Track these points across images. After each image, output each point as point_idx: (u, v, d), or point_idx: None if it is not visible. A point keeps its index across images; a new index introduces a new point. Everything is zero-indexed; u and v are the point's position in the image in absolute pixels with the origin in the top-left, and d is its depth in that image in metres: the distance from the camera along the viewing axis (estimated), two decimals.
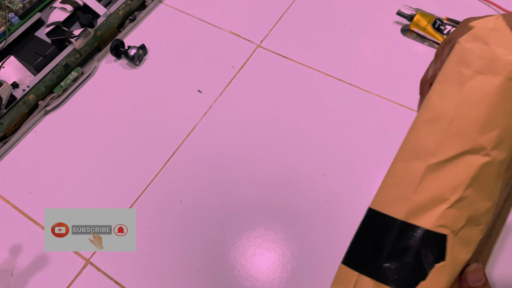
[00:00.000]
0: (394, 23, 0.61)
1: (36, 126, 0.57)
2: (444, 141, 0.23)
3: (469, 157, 0.23)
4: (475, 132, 0.23)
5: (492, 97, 0.23)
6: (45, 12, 0.62)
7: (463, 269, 0.24)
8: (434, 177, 0.23)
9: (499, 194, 0.25)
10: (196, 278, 0.44)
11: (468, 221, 0.23)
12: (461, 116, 0.23)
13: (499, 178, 0.24)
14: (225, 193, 0.49)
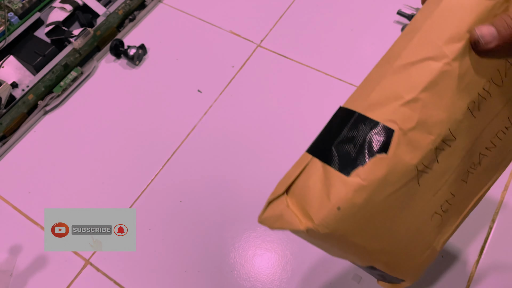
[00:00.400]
0: (394, 23, 0.61)
1: (35, 126, 0.57)
2: (412, 47, 0.25)
3: (431, 62, 0.24)
4: (441, 42, 0.24)
5: (463, 12, 0.24)
6: (45, 11, 0.62)
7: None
8: (395, 78, 0.25)
9: (462, 115, 0.25)
10: (196, 278, 0.44)
11: (418, 124, 0.24)
12: (432, 27, 0.24)
13: (460, 95, 0.24)
14: (225, 193, 0.49)
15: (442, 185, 0.27)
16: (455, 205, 0.28)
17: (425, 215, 0.27)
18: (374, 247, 0.27)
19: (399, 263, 0.28)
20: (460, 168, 0.27)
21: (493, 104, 0.26)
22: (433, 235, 0.28)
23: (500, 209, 0.45)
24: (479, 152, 0.27)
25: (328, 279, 0.44)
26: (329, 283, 0.43)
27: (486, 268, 0.42)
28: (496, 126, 0.27)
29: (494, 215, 0.45)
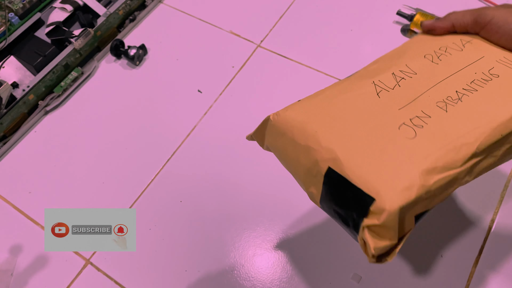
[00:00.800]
0: (394, 23, 0.61)
1: (36, 126, 0.57)
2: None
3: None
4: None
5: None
6: (45, 12, 0.62)
7: None
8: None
9: (419, 60, 0.33)
10: (196, 278, 0.44)
11: (379, 62, 0.36)
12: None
13: (417, 52, 0.34)
14: (225, 193, 0.49)
15: (408, 103, 0.30)
16: (433, 125, 0.28)
17: (390, 122, 0.28)
18: (332, 137, 0.28)
19: (366, 170, 0.26)
20: (431, 94, 0.30)
21: (456, 58, 0.33)
22: (407, 146, 0.27)
23: (500, 209, 0.45)
24: (455, 90, 0.30)
25: (328, 278, 0.44)
26: (329, 282, 0.43)
27: (485, 267, 0.43)
28: (464, 77, 0.31)
29: (493, 214, 0.45)
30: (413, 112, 0.29)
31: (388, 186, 0.25)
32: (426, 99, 0.30)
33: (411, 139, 0.27)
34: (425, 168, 0.26)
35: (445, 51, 0.34)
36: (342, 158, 0.27)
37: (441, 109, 0.29)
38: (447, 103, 0.29)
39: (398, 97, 0.30)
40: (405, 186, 0.25)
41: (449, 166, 0.26)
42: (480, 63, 0.32)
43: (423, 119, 0.28)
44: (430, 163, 0.26)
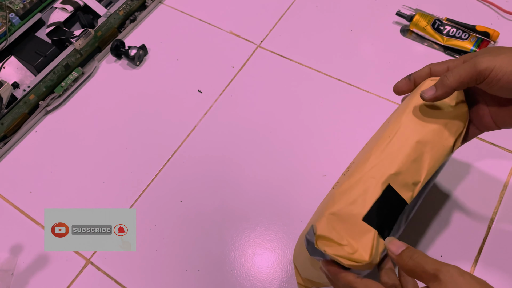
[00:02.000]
0: (393, 24, 0.61)
1: (36, 126, 0.57)
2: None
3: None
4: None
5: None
6: (46, 12, 0.62)
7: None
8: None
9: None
10: (196, 278, 0.45)
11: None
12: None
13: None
14: (225, 193, 0.49)
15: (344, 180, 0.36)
16: (349, 172, 0.35)
17: (331, 190, 0.36)
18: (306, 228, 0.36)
19: (314, 219, 0.34)
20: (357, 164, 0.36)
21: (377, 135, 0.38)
22: (335, 190, 0.34)
23: (498, 209, 0.46)
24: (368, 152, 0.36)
25: None
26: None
27: (485, 267, 0.43)
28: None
29: (492, 214, 0.45)
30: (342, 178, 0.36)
31: (320, 216, 0.33)
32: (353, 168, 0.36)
33: (337, 187, 0.35)
34: (337, 199, 0.33)
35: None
36: (304, 231, 0.35)
37: (355, 164, 0.36)
38: (361, 159, 0.36)
39: (341, 181, 0.36)
40: (327, 207, 0.33)
41: (355, 184, 0.34)
42: (384, 126, 0.38)
43: (344, 176, 0.36)
44: (342, 192, 0.33)
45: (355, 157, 0.39)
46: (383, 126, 0.39)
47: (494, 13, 0.61)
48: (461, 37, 0.57)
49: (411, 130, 0.34)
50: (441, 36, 0.57)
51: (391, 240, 0.31)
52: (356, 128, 0.52)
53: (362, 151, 0.39)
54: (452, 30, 0.57)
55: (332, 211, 0.32)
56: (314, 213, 0.38)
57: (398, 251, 0.30)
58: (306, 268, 0.39)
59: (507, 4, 0.61)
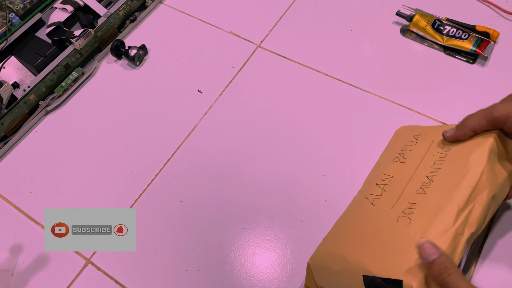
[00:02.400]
0: (393, 24, 0.61)
1: (36, 126, 0.57)
2: None
3: None
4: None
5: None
6: (46, 12, 0.62)
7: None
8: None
9: (389, 164, 0.42)
10: (196, 278, 0.45)
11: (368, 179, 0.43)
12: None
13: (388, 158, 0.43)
14: (225, 193, 0.49)
15: (396, 200, 0.37)
16: (420, 207, 0.35)
17: (389, 220, 0.35)
18: (354, 252, 0.35)
19: (387, 263, 0.32)
20: (410, 188, 0.37)
21: (416, 151, 0.40)
22: (407, 231, 0.34)
23: (498, 209, 0.46)
24: (425, 175, 0.37)
25: None
26: None
27: (484, 267, 0.43)
28: (427, 163, 0.39)
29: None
30: (402, 206, 0.36)
31: (405, 269, 0.30)
32: (408, 193, 0.37)
33: (408, 225, 0.34)
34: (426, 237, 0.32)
35: (406, 149, 0.41)
36: (367, 263, 0.33)
37: (421, 194, 0.36)
38: (423, 188, 0.36)
39: (387, 199, 0.37)
40: (414, 259, 0.31)
41: (444, 230, 0.32)
42: (433, 146, 0.40)
43: (411, 207, 0.35)
44: (428, 233, 0.32)
45: (392, 169, 0.41)
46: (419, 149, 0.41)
47: (494, 13, 0.61)
48: (461, 37, 0.57)
49: (490, 183, 0.35)
50: (441, 36, 0.57)
51: (424, 243, 0.30)
52: (355, 128, 0.53)
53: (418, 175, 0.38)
54: (452, 30, 0.57)
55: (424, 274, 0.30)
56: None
57: (430, 258, 0.29)
58: (334, 284, 0.38)
59: (507, 4, 0.61)
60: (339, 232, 0.39)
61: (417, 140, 0.42)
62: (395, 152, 0.43)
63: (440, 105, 0.53)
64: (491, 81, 0.55)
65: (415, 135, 0.43)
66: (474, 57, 0.57)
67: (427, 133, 0.42)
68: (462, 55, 0.57)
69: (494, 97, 0.53)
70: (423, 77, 0.56)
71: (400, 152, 0.42)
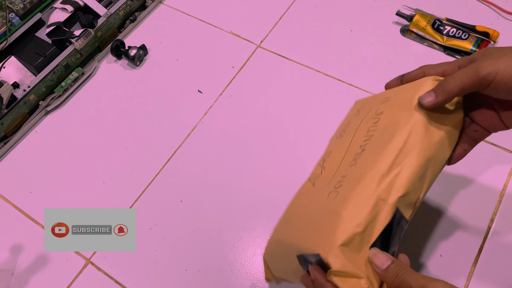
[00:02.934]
0: (393, 24, 0.61)
1: (36, 126, 0.57)
2: None
3: None
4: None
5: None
6: (46, 12, 0.62)
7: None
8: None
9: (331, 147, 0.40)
10: (196, 278, 0.45)
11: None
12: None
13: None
14: (225, 193, 0.49)
15: (332, 177, 0.35)
16: (349, 179, 0.33)
17: (322, 197, 0.34)
18: (291, 235, 0.35)
19: (312, 238, 0.31)
20: (345, 161, 0.35)
21: (354, 123, 0.38)
22: (332, 206, 0.32)
23: (498, 209, 0.46)
24: (359, 145, 0.35)
25: None
26: None
27: (484, 267, 0.43)
28: (362, 132, 0.36)
29: (492, 214, 0.45)
30: (336, 180, 0.34)
31: (326, 241, 0.30)
32: (343, 167, 0.35)
33: (335, 198, 0.32)
34: (345, 208, 0.30)
35: (348, 124, 0.39)
36: (299, 243, 0.32)
37: (353, 166, 0.33)
38: (356, 158, 0.34)
39: (325, 177, 0.36)
40: (336, 231, 0.29)
41: (364, 198, 0.30)
42: (370, 114, 0.37)
43: (341, 180, 0.33)
44: (349, 204, 0.30)
45: (333, 145, 0.39)
46: (368, 115, 0.37)
47: (494, 13, 0.61)
48: (461, 37, 0.57)
49: (420, 144, 0.32)
50: (441, 36, 0.57)
51: (375, 253, 0.29)
52: None
53: (350, 143, 0.36)
54: (452, 30, 0.57)
55: (343, 240, 0.29)
56: (294, 214, 0.37)
57: (383, 266, 0.29)
58: (283, 271, 0.38)
59: (507, 4, 0.61)
60: (283, 218, 0.38)
61: (359, 112, 0.39)
62: (339, 129, 0.40)
63: None
64: None
65: (358, 108, 0.39)
66: None
67: (368, 102, 0.39)
68: (462, 55, 0.57)
69: None
70: None
71: (344, 128, 0.39)
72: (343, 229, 0.29)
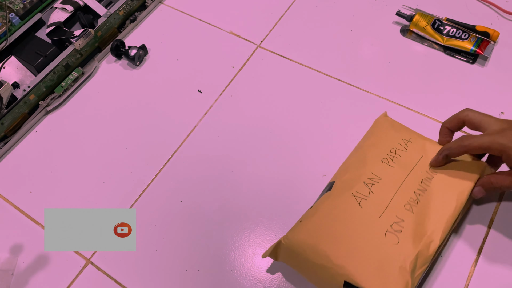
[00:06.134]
0: (393, 24, 0.61)
1: (36, 126, 0.57)
2: None
3: None
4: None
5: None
6: (46, 12, 0.62)
7: None
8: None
9: (378, 164, 0.43)
10: (196, 278, 0.45)
11: (349, 172, 0.44)
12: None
13: (375, 158, 0.43)
14: (225, 193, 0.49)
15: (384, 210, 0.38)
16: (408, 228, 0.38)
17: (377, 231, 0.37)
18: (340, 254, 0.36)
19: (374, 279, 0.35)
20: (398, 198, 0.39)
21: (405, 160, 0.42)
22: (396, 251, 0.36)
23: (498, 209, 0.46)
24: (413, 191, 0.40)
25: None
26: None
27: (484, 267, 0.43)
28: (415, 178, 0.41)
29: (492, 214, 0.45)
30: (390, 218, 0.38)
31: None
32: (396, 204, 0.39)
33: (396, 244, 0.37)
34: (412, 269, 0.36)
35: (395, 153, 0.42)
36: (353, 271, 0.35)
37: (409, 211, 0.39)
38: (411, 204, 0.39)
39: (375, 205, 0.39)
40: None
41: (423, 262, 0.37)
42: (422, 162, 0.42)
43: (399, 224, 0.38)
44: (414, 265, 0.36)
45: (380, 171, 0.42)
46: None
47: (494, 13, 0.61)
48: (461, 37, 0.57)
49: (462, 211, 0.40)
50: (441, 36, 0.57)
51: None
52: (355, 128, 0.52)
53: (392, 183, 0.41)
54: (452, 30, 0.57)
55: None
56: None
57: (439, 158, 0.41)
58: (307, 273, 0.40)
59: (507, 4, 0.61)
60: (322, 224, 0.39)
61: (407, 147, 0.43)
62: (382, 150, 0.43)
63: (440, 105, 0.53)
64: (491, 81, 0.55)
65: (405, 139, 0.44)
66: (474, 57, 0.57)
67: (417, 142, 0.44)
68: (462, 55, 0.57)
69: (494, 97, 0.53)
70: (423, 77, 0.56)
71: (389, 153, 0.43)
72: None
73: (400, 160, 0.42)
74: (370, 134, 0.47)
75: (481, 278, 0.42)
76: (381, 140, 0.44)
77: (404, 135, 0.44)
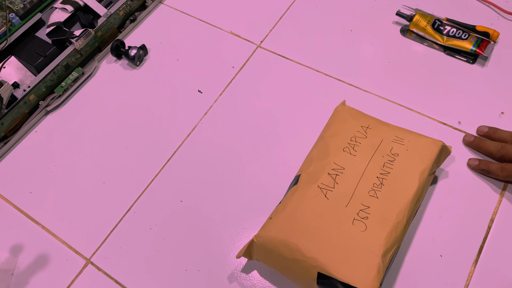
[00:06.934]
0: (393, 24, 0.61)
1: (36, 126, 0.57)
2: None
3: None
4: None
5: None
6: (46, 12, 0.62)
7: None
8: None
9: (340, 154, 0.43)
10: (196, 278, 0.45)
11: (314, 165, 0.44)
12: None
13: (337, 147, 0.44)
14: (225, 192, 0.49)
15: (349, 199, 0.39)
16: (374, 214, 0.38)
17: (345, 220, 0.38)
18: (311, 247, 0.37)
19: (345, 267, 0.36)
20: (362, 186, 0.40)
21: (365, 147, 0.43)
22: (364, 238, 0.37)
23: (498, 209, 0.46)
24: (376, 176, 0.41)
25: None
26: None
27: (484, 267, 0.43)
28: (377, 163, 0.42)
29: (492, 214, 0.45)
30: (356, 207, 0.39)
31: (364, 276, 0.35)
32: (360, 192, 0.40)
33: (364, 231, 0.38)
34: (382, 252, 0.36)
35: (356, 141, 0.43)
36: (325, 262, 0.36)
37: (373, 197, 0.40)
38: (375, 190, 0.40)
39: (340, 195, 0.40)
40: (375, 273, 0.35)
41: (393, 243, 0.38)
42: (382, 146, 0.43)
43: (365, 211, 0.39)
44: (384, 247, 0.37)
45: (343, 160, 0.43)
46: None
47: (494, 13, 0.61)
48: (461, 37, 0.57)
49: (423, 193, 0.43)
50: (441, 36, 0.57)
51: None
52: None
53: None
54: (452, 30, 0.57)
55: (379, 283, 0.35)
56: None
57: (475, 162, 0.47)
58: (279, 267, 0.41)
59: (507, 4, 0.61)
60: (291, 219, 0.39)
61: (366, 134, 0.44)
62: (343, 139, 0.44)
63: (440, 105, 0.53)
64: (491, 81, 0.55)
65: (364, 126, 0.44)
66: (474, 57, 0.57)
67: (376, 127, 0.44)
68: (462, 55, 0.57)
69: (494, 97, 0.53)
70: (423, 77, 0.56)
71: (350, 142, 0.43)
72: (378, 271, 0.36)
73: (361, 147, 0.43)
74: (330, 124, 0.47)
75: (481, 278, 0.42)
76: (341, 129, 0.45)
77: (363, 122, 0.45)
